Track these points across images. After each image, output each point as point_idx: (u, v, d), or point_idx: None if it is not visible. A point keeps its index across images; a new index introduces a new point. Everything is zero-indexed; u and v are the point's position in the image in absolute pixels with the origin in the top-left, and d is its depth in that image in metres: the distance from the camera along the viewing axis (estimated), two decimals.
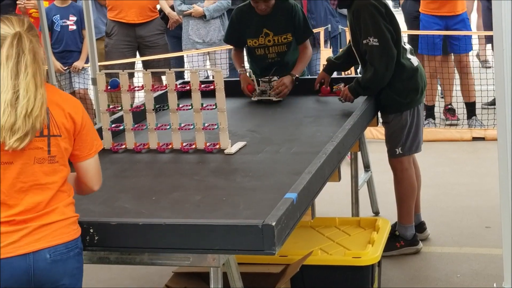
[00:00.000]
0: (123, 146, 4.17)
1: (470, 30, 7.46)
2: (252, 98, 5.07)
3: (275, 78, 5.04)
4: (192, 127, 4.06)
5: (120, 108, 4.23)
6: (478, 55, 9.30)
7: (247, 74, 5.13)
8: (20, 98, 2.66)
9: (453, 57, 7.52)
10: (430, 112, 7.52)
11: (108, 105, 4.21)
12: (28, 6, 7.62)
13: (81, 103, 2.93)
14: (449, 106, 7.69)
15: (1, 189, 2.71)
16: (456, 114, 7.69)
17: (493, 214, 5.20)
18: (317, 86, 5.04)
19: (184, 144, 4.07)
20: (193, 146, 4.06)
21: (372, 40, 4.47)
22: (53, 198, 2.77)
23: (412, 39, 7.55)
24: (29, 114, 2.66)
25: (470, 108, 7.51)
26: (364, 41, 4.51)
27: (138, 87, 4.28)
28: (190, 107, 4.05)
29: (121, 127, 4.21)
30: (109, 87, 4.17)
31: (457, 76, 7.62)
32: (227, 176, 3.66)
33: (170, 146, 4.09)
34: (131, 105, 4.22)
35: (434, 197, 5.71)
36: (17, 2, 7.75)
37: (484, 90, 7.68)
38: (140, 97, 7.61)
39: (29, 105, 2.66)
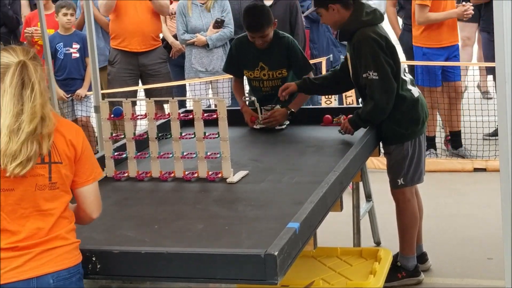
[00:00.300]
0: (126, 174, 4.17)
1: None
2: (254, 126, 5.09)
3: (278, 107, 5.07)
4: (194, 155, 4.07)
5: (123, 136, 4.24)
6: (479, 86, 9.32)
7: (252, 101, 5.15)
8: (24, 124, 2.68)
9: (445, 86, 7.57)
10: (431, 142, 7.53)
11: (111, 133, 4.22)
12: (36, 36, 7.67)
13: (81, 129, 2.95)
14: (450, 137, 7.72)
15: (3, 215, 2.73)
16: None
17: (495, 245, 5.17)
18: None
19: (186, 172, 4.08)
20: (196, 175, 4.06)
21: (372, 74, 4.49)
22: (55, 224, 2.79)
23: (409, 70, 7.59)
24: (32, 140, 2.68)
25: (457, 138, 7.51)
26: (364, 75, 4.52)
27: (141, 115, 4.29)
28: (193, 136, 4.06)
29: (124, 155, 4.21)
30: (112, 115, 4.18)
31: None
32: (230, 205, 3.66)
33: (172, 175, 4.09)
34: (134, 133, 4.23)
35: (436, 228, 5.69)
36: (25, 30, 7.80)
37: (485, 121, 7.68)
38: (142, 125, 7.63)
39: (32, 131, 2.68)
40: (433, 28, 7.29)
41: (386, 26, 5.19)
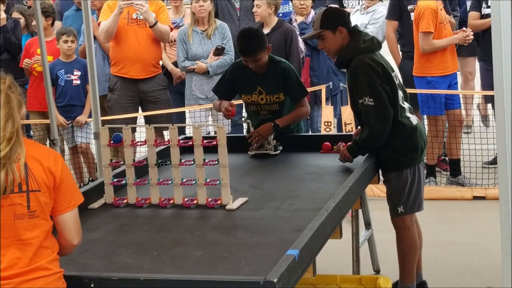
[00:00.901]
0: (125, 201, 4.17)
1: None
2: (249, 152, 5.10)
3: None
4: (194, 182, 4.07)
5: (122, 162, 4.24)
6: (478, 107, 9.26)
7: (248, 124, 5.22)
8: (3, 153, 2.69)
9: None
10: (431, 170, 7.53)
11: (111, 160, 4.22)
12: (35, 64, 7.76)
13: (60, 156, 2.94)
14: (443, 157, 7.72)
15: None
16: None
17: (495, 273, 5.17)
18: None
19: (185, 199, 4.08)
20: (195, 202, 4.06)
21: (368, 100, 4.51)
22: (35, 254, 2.77)
23: (411, 98, 7.60)
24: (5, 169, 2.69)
25: (456, 167, 7.51)
26: (360, 101, 4.54)
27: (141, 141, 4.30)
28: (193, 163, 4.06)
29: (123, 182, 4.21)
30: (112, 142, 4.19)
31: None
32: (229, 232, 3.66)
33: (171, 201, 4.09)
34: (134, 160, 4.23)
35: (435, 256, 5.68)
36: (24, 62, 7.86)
37: (484, 149, 7.69)
38: (141, 151, 7.64)
39: (9, 161, 2.70)
40: (437, 55, 7.30)
41: (386, 53, 5.20)
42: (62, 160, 2.91)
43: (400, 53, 7.97)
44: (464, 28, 7.31)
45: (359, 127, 4.87)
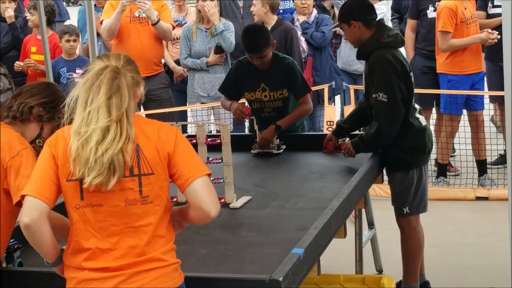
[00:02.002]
0: None
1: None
2: (252, 151, 5.08)
3: None
4: None
5: None
6: (493, 119, 9.21)
7: (252, 120, 5.20)
8: (108, 135, 2.58)
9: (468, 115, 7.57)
10: (443, 170, 7.50)
11: None
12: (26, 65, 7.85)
13: (175, 128, 2.79)
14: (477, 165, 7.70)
15: (92, 232, 2.61)
16: (455, 167, 7.71)
17: (498, 274, 5.16)
18: (325, 146, 5.01)
19: None
20: None
21: (382, 96, 4.48)
22: (149, 243, 2.63)
23: (431, 98, 7.59)
24: (107, 151, 2.57)
25: (481, 167, 7.49)
26: (374, 95, 4.52)
27: None
28: None
29: None
30: None
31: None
32: (233, 230, 3.65)
33: (175, 199, 4.07)
34: None
35: (438, 256, 5.66)
36: (15, 63, 7.91)
37: (488, 150, 7.68)
38: None
39: (113, 143, 2.58)
40: (457, 54, 7.27)
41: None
42: (177, 131, 2.73)
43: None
44: (489, 30, 7.22)
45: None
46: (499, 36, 7.15)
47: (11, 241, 3.02)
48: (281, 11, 8.19)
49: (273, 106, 5.21)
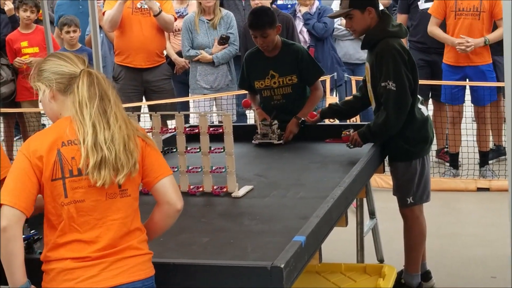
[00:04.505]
0: None
1: (493, 81, 7.38)
2: (253, 141, 5.10)
3: (276, 121, 5.10)
4: (199, 170, 4.07)
5: None
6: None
7: (255, 114, 5.29)
8: (115, 136, 2.71)
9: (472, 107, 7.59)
10: (454, 162, 7.51)
11: None
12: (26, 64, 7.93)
13: (141, 127, 2.93)
14: (446, 149, 7.73)
15: (75, 227, 2.71)
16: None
17: (499, 264, 5.18)
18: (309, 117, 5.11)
19: (191, 186, 4.08)
20: (201, 189, 4.06)
21: (391, 84, 4.49)
22: (127, 233, 2.76)
23: (432, 88, 7.61)
24: (126, 150, 2.72)
25: (483, 159, 7.50)
26: (383, 84, 4.52)
27: (147, 129, 4.29)
28: (198, 150, 4.06)
29: None
30: None
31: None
32: (234, 219, 3.66)
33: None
34: None
35: (439, 246, 5.68)
36: (16, 60, 7.93)
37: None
38: None
39: (126, 142, 2.73)
40: (450, 46, 7.31)
41: None
42: (143, 130, 2.89)
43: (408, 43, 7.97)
44: (462, 36, 7.16)
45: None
46: (468, 47, 7.06)
47: (31, 231, 3.04)
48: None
49: (283, 93, 5.26)
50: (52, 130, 2.78)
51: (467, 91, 7.61)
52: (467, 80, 7.36)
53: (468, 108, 7.80)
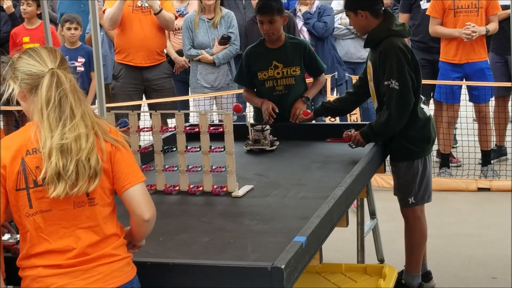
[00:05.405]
0: None
1: (491, 80, 7.38)
2: (244, 147, 4.94)
3: (268, 127, 4.98)
4: (199, 169, 4.05)
5: None
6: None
7: (243, 116, 5.29)
8: (70, 144, 2.60)
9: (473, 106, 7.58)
10: (444, 161, 7.50)
11: None
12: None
13: (114, 129, 2.82)
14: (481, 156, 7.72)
15: (43, 237, 2.65)
16: (457, 158, 7.71)
17: (499, 264, 5.16)
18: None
19: (191, 186, 4.06)
20: (201, 188, 4.04)
21: (394, 83, 4.47)
22: (100, 241, 2.70)
23: (427, 89, 7.58)
24: (83, 160, 2.60)
25: (486, 158, 7.49)
26: (386, 83, 4.50)
27: (147, 127, 4.28)
28: (199, 149, 4.04)
29: None
30: (118, 126, 4.16)
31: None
32: (235, 219, 3.64)
33: (177, 188, 4.07)
34: (140, 146, 4.21)
35: (440, 247, 5.67)
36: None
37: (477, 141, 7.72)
38: (145, 140, 7.61)
39: (82, 151, 2.60)
40: (446, 42, 7.31)
41: None
42: (116, 132, 2.79)
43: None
44: (468, 23, 7.20)
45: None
46: (474, 33, 7.05)
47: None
48: None
49: (285, 84, 5.30)
50: (18, 136, 2.70)
51: (463, 90, 7.59)
52: (465, 79, 7.36)
53: (469, 108, 7.79)
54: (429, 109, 7.42)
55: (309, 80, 5.59)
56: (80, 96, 2.70)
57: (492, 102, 7.76)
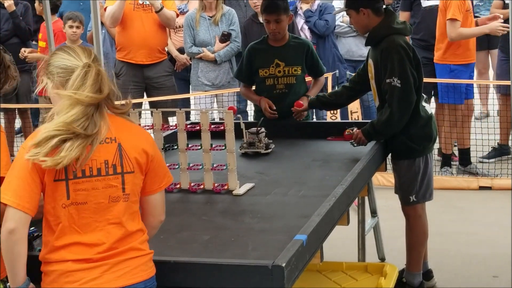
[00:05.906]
0: None
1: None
2: (239, 150, 4.79)
3: (263, 130, 4.89)
4: (200, 167, 4.05)
5: None
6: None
7: (238, 121, 5.13)
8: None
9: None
10: (447, 160, 7.49)
11: None
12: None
13: (150, 135, 2.91)
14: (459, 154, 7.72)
15: (76, 229, 2.68)
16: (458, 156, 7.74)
17: (501, 263, 5.15)
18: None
19: (192, 184, 4.06)
20: (201, 187, 4.04)
21: (396, 81, 4.47)
22: (129, 235, 2.74)
23: (429, 88, 7.58)
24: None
25: (465, 156, 7.48)
26: (388, 80, 4.50)
27: (148, 125, 4.28)
28: (199, 147, 4.04)
29: None
30: None
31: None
32: (235, 217, 3.64)
33: (178, 186, 4.07)
34: None
35: (441, 245, 5.66)
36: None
37: (479, 139, 7.69)
38: None
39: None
40: (462, 44, 7.24)
41: None
42: (153, 139, 2.87)
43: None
44: (496, 15, 7.16)
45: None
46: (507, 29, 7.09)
47: (30, 228, 3.02)
48: None
49: (286, 82, 5.30)
50: None
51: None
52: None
53: (469, 107, 7.78)
54: (431, 107, 7.49)
55: (308, 79, 5.60)
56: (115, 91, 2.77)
57: (493, 101, 7.76)
